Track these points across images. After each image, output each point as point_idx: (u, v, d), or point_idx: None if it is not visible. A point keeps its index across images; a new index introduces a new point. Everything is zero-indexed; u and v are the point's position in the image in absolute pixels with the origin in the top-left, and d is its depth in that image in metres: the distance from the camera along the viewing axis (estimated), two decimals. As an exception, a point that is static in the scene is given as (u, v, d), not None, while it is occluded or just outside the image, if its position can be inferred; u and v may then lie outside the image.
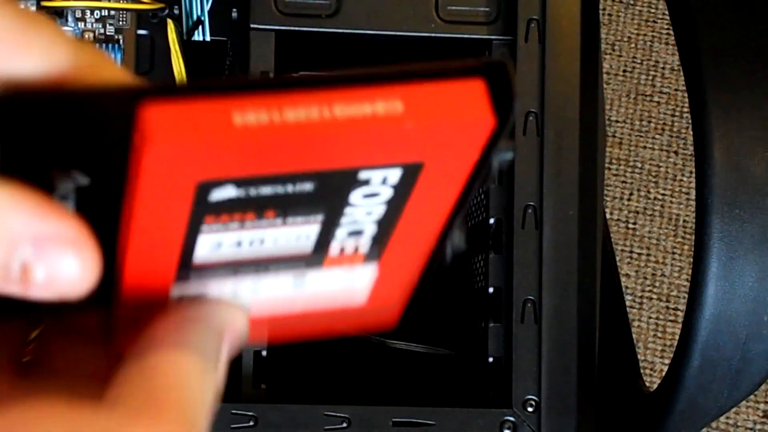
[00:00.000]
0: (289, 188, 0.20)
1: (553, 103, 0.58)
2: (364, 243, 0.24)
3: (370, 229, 0.23)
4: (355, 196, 0.22)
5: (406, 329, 0.68)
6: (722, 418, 1.38)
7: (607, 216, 1.44)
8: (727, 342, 0.56)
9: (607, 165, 1.45)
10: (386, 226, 0.23)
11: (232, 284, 0.24)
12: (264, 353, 0.57)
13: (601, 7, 1.43)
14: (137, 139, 0.19)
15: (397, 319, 0.29)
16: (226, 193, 0.20)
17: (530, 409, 0.56)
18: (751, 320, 0.56)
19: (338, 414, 0.56)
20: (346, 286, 0.26)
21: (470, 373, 0.63)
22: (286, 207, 0.21)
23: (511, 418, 0.56)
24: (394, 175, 0.21)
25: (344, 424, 0.56)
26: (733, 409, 1.35)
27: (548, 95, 0.58)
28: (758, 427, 1.39)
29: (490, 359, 0.58)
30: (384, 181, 0.21)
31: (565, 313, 0.57)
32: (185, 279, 0.23)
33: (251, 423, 0.55)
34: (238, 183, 0.20)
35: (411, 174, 0.22)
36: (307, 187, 0.21)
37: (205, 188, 0.20)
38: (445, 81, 0.21)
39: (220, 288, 0.23)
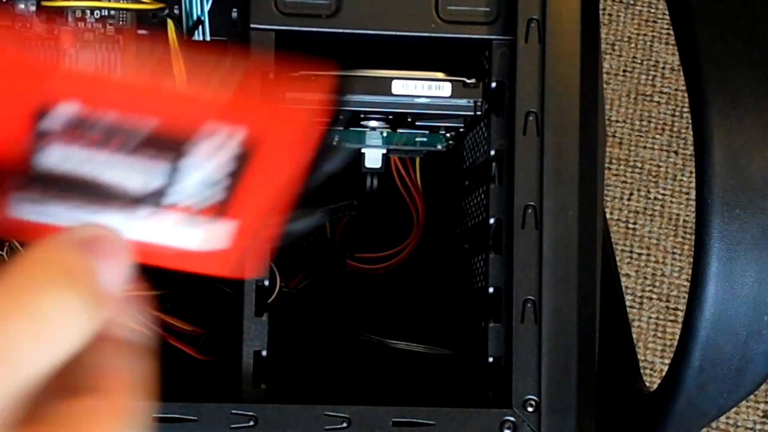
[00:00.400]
0: (131, 124, 0.24)
1: (553, 103, 0.58)
2: (207, 196, 0.26)
3: (212, 186, 0.25)
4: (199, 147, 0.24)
5: (406, 329, 0.68)
6: (722, 418, 1.38)
7: (607, 216, 1.44)
8: (727, 342, 0.56)
9: (607, 165, 1.45)
10: (227, 186, 0.26)
11: (74, 210, 0.25)
12: (264, 353, 0.57)
13: (601, 7, 1.43)
14: None
15: (231, 270, 0.30)
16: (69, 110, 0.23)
17: (530, 409, 0.56)
18: (751, 320, 0.56)
19: (338, 414, 0.56)
20: (185, 230, 0.28)
21: (470, 373, 0.63)
22: (130, 141, 0.23)
23: (511, 418, 0.56)
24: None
25: (344, 424, 0.56)
26: (733, 409, 1.35)
27: (548, 95, 0.58)
28: (758, 427, 1.39)
29: (490, 359, 0.58)
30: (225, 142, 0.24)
31: (565, 313, 0.57)
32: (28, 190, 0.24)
33: (251, 423, 0.55)
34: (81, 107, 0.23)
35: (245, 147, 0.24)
36: (149, 127, 0.23)
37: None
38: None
39: (60, 210, 0.25)
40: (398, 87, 0.60)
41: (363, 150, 0.67)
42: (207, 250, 0.29)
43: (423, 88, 0.61)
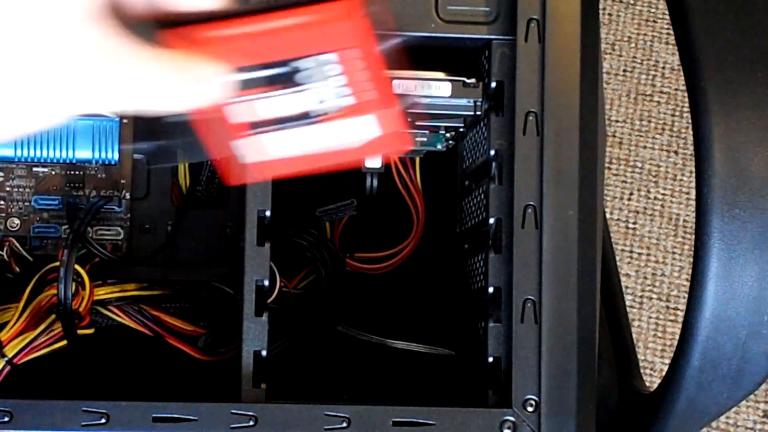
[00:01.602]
0: (281, 70, 0.37)
1: (553, 103, 0.58)
2: (333, 98, 0.39)
3: (332, 94, 0.39)
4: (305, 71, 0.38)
5: (406, 329, 0.68)
6: (722, 418, 1.38)
7: (607, 216, 1.44)
8: (727, 342, 0.56)
9: (607, 165, 1.45)
10: (357, 90, 0.39)
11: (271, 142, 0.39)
12: (264, 353, 0.57)
13: (601, 7, 1.43)
14: None
15: (398, 146, 0.44)
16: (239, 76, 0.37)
17: (530, 409, 0.56)
18: (751, 320, 0.56)
19: (338, 414, 0.56)
20: (345, 132, 0.40)
21: (470, 373, 0.63)
22: (286, 83, 0.37)
23: (511, 418, 0.56)
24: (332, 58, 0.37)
25: (344, 424, 0.56)
26: (733, 409, 1.35)
27: (548, 95, 0.58)
28: (758, 427, 1.39)
29: (490, 359, 0.58)
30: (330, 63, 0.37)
31: (565, 313, 0.57)
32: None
33: (251, 423, 0.55)
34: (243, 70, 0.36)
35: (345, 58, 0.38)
36: (291, 69, 0.37)
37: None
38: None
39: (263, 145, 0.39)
40: (398, 87, 0.60)
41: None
42: (372, 138, 0.40)
43: (423, 88, 0.61)
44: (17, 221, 0.66)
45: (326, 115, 0.40)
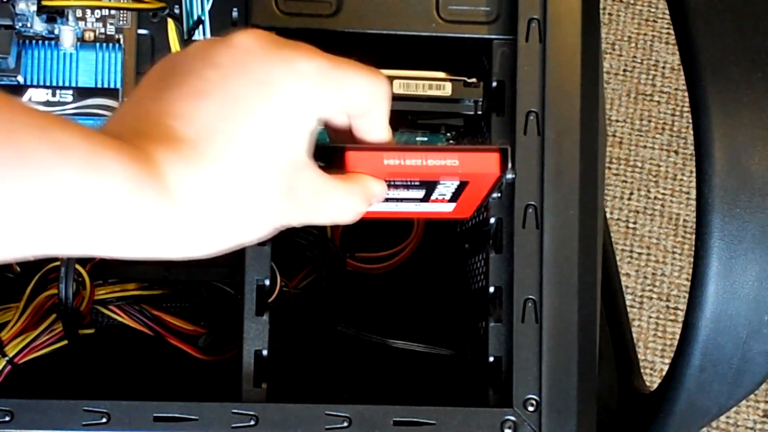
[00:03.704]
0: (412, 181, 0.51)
1: (554, 103, 0.58)
2: (449, 193, 0.53)
3: (449, 193, 0.53)
4: (441, 184, 0.52)
5: (407, 329, 0.68)
6: (722, 418, 1.38)
7: (607, 216, 1.44)
8: (727, 341, 0.56)
9: (607, 165, 1.45)
10: (456, 195, 0.53)
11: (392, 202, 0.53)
12: (264, 353, 0.57)
13: (601, 6, 1.43)
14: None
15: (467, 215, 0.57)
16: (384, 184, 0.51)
17: (531, 409, 0.57)
18: (751, 320, 0.56)
19: (339, 413, 0.56)
20: (440, 208, 0.55)
21: (470, 373, 0.63)
22: (413, 184, 0.51)
23: (512, 418, 0.56)
24: (456, 182, 0.52)
25: (345, 424, 0.56)
26: (734, 409, 1.36)
27: (548, 95, 0.58)
28: (758, 426, 1.39)
29: (491, 359, 0.58)
30: (452, 182, 0.52)
31: (566, 312, 0.57)
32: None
33: (252, 422, 0.55)
34: (389, 182, 0.51)
35: (463, 183, 0.52)
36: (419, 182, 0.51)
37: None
38: (480, 151, 0.51)
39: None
40: (399, 87, 0.60)
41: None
42: (454, 210, 0.55)
43: (424, 87, 0.61)
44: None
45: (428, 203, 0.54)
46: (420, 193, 0.52)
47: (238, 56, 0.45)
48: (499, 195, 0.58)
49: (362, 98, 0.48)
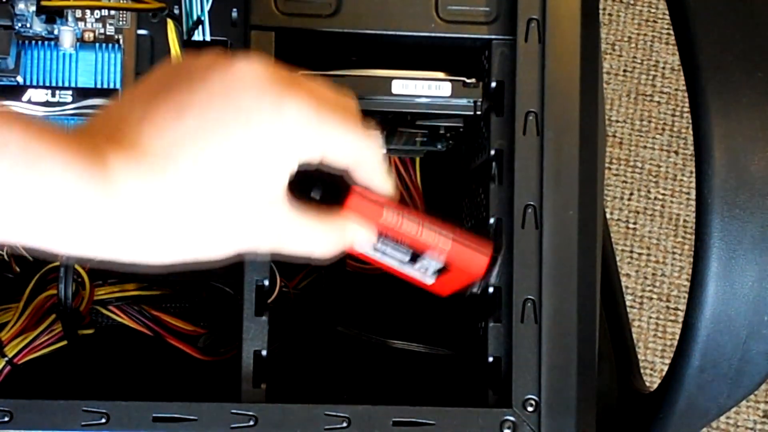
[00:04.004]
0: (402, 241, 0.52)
1: (553, 103, 0.58)
2: (431, 269, 0.54)
3: (432, 268, 0.53)
4: (427, 258, 0.53)
5: (406, 329, 0.68)
6: (722, 418, 1.38)
7: (607, 216, 1.44)
8: (727, 342, 0.56)
9: (607, 165, 1.45)
10: (438, 273, 0.54)
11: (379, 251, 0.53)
12: (264, 353, 0.57)
13: (601, 7, 1.43)
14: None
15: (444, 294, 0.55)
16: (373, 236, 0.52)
17: (530, 409, 0.56)
18: (751, 320, 0.56)
19: (338, 414, 0.56)
20: (420, 277, 0.54)
21: (470, 373, 0.63)
22: (401, 242, 0.53)
23: (511, 418, 0.56)
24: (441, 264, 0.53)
25: (344, 424, 0.56)
26: (734, 409, 1.35)
27: (548, 95, 0.58)
28: (758, 427, 1.39)
29: (490, 359, 0.58)
30: (437, 262, 0.53)
31: (565, 313, 0.57)
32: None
33: (251, 423, 0.55)
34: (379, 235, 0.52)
35: (447, 267, 0.53)
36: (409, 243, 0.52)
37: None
38: (472, 248, 0.53)
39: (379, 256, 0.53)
40: (398, 87, 0.60)
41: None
42: (432, 284, 0.54)
43: (423, 87, 0.61)
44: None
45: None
46: (405, 257, 0.53)
47: (231, 83, 0.46)
48: (479, 292, 0.57)
49: (346, 152, 0.49)
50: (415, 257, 0.53)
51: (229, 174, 0.45)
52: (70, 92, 0.61)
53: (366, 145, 0.49)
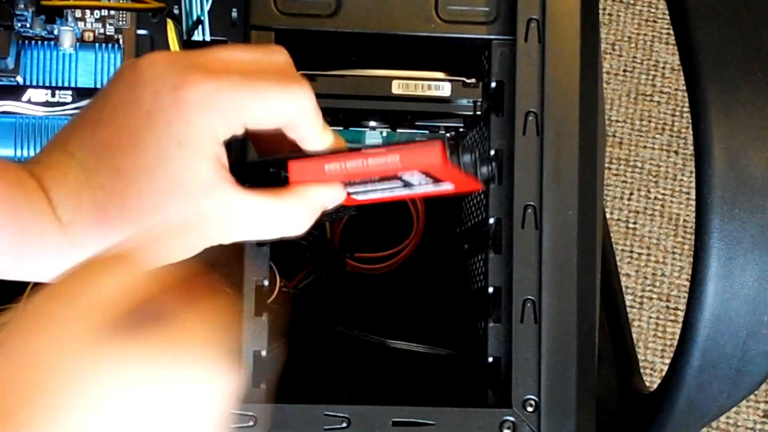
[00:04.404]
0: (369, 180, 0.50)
1: (553, 103, 0.58)
2: (426, 181, 0.50)
3: (424, 180, 0.50)
4: (407, 176, 0.49)
5: (406, 329, 0.68)
6: (722, 418, 1.38)
7: (607, 216, 1.44)
8: (727, 342, 0.56)
9: (607, 165, 1.45)
10: (436, 179, 0.50)
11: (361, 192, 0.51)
12: (263, 353, 0.57)
13: (601, 7, 1.43)
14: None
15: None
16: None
17: (530, 409, 0.56)
18: (751, 320, 0.56)
19: (338, 414, 0.56)
20: (432, 189, 0.51)
21: (470, 373, 0.63)
22: (373, 182, 0.50)
23: (511, 418, 0.56)
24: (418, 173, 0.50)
25: (344, 424, 0.56)
26: (734, 409, 1.35)
27: (548, 95, 0.58)
28: (758, 427, 1.39)
29: (490, 359, 0.58)
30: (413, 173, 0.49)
31: (565, 313, 0.57)
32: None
33: (251, 423, 0.55)
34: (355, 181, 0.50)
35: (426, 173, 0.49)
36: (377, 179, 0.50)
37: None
38: (419, 147, 0.49)
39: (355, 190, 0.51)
40: (398, 87, 0.60)
41: (363, 150, 0.67)
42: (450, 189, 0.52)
43: (423, 88, 0.61)
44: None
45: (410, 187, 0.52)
46: (397, 183, 0.51)
47: (133, 84, 0.45)
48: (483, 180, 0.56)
49: (268, 116, 0.46)
50: (402, 181, 0.51)
51: (151, 174, 0.44)
52: (69, 92, 0.61)
53: (290, 104, 0.47)
